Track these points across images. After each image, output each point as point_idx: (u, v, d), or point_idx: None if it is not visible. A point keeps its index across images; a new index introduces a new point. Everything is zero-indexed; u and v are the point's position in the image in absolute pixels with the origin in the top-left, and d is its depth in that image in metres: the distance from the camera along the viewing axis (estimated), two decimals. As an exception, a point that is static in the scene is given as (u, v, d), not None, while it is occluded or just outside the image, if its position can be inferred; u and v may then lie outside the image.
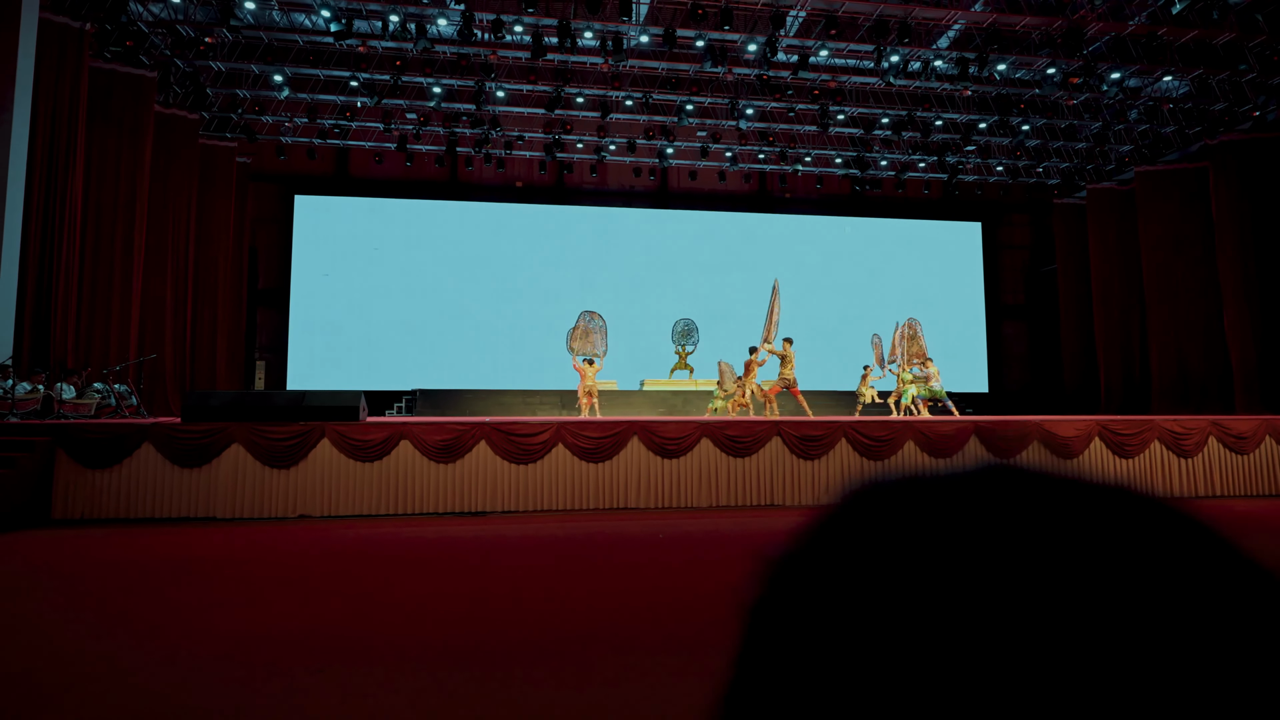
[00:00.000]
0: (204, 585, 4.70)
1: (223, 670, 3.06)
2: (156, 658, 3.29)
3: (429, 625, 3.79)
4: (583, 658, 3.22)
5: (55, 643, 3.51)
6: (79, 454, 6.98)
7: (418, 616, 3.95)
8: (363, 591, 4.51)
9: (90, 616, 4.02)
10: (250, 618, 3.91)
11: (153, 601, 4.27)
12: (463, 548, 6.16)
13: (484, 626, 3.77)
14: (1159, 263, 18.49)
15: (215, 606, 4.17)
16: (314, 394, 7.88)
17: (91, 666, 3.17)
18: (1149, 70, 15.48)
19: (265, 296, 20.79)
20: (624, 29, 14.19)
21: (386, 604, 4.21)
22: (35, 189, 12.03)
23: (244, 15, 13.52)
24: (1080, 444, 8.59)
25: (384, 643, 3.42)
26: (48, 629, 3.75)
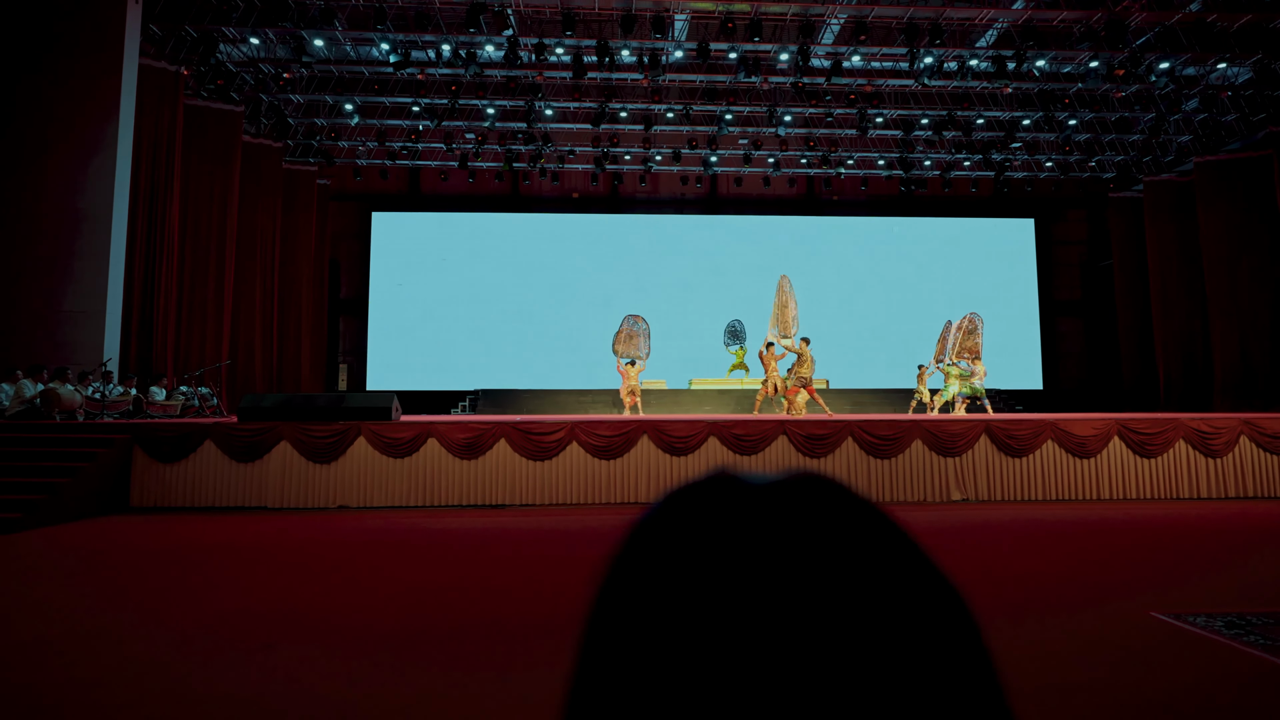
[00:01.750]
0: (226, 567, 5.10)
1: (198, 639, 3.37)
2: (150, 627, 3.63)
3: (394, 609, 4.01)
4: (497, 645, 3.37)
5: (70, 616, 3.91)
6: (152, 450, 7.62)
7: (386, 599, 4.18)
8: (354, 576, 4.81)
9: (99, 594, 4.44)
10: (247, 597, 4.24)
11: (172, 580, 4.67)
12: (470, 538, 6.42)
13: (443, 611, 3.97)
14: (1221, 255, 17.24)
15: (224, 586, 4.54)
16: (353, 395, 8.32)
17: (96, 637, 3.54)
18: (1202, 58, 14.47)
19: (347, 305, 21.85)
20: (660, 45, 14.26)
21: (367, 588, 4.47)
22: (139, 215, 13.05)
23: (315, 51, 14.26)
24: (1097, 444, 8.16)
25: (343, 624, 3.66)
26: (64, 606, 4.17)
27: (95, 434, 7.57)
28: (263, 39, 14.17)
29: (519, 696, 2.68)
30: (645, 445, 7.92)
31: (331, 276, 21.08)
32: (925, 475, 8.07)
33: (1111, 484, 8.18)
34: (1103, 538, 6.14)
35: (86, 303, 11.62)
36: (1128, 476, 8.18)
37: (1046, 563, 5.17)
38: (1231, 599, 4.02)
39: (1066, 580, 4.55)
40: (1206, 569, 4.93)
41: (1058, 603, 3.95)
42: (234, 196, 15.35)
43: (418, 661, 3.09)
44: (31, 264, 11.45)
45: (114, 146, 12.03)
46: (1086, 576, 4.67)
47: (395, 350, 21.64)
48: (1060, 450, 8.17)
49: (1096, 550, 5.64)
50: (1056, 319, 22.38)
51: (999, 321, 22.05)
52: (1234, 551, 5.59)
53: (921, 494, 8.06)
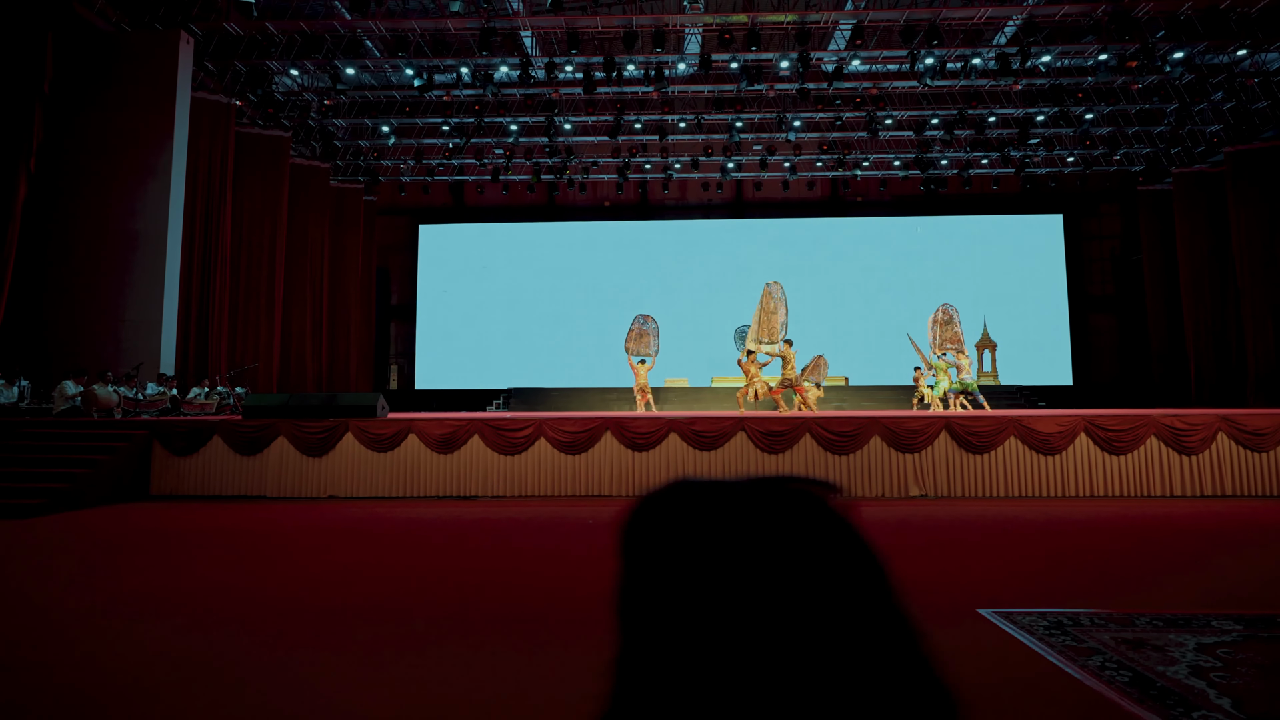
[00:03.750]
0: (209, 549, 5.45)
1: (154, 609, 3.66)
2: (126, 598, 3.95)
3: (327, 588, 4.22)
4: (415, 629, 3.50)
5: (38, 597, 4.25)
6: (168, 444, 8.14)
7: (323, 580, 4.39)
8: (299, 560, 5.05)
9: (88, 572, 4.80)
10: (211, 577, 4.54)
11: (158, 560, 5.03)
12: (446, 527, 6.60)
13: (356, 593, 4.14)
14: (1254, 247, 16.04)
15: (197, 565, 4.86)
16: (343, 395, 8.67)
17: (74, 617, 3.86)
18: (1222, 46, 13.49)
19: (397, 311, 22.64)
20: (665, 59, 14.24)
21: (312, 571, 4.70)
22: (195, 233, 13.87)
23: (349, 79, 14.85)
24: (1062, 441, 7.73)
25: (278, 600, 3.90)
26: (46, 587, 4.53)
27: (119, 430, 8.15)
28: (302, 69, 14.84)
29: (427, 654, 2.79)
30: (609, 441, 7.96)
31: (383, 285, 21.94)
32: (884, 472, 7.82)
33: (1078, 481, 7.73)
34: (1027, 534, 5.84)
35: (144, 313, 12.42)
36: (1095, 473, 7.72)
37: (935, 558, 4.97)
38: (1105, 596, 3.79)
39: (933, 575, 4.38)
40: (1109, 566, 4.64)
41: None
42: (283, 214, 16.13)
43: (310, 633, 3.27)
44: (95, 280, 12.31)
45: (168, 173, 12.82)
46: (958, 572, 4.47)
47: (441, 352, 22.31)
48: (1024, 447, 7.78)
49: (1005, 547, 5.37)
50: (1089, 315, 21.25)
51: (1028, 318, 21.15)
52: (1161, 550, 5.23)
53: (880, 490, 7.82)
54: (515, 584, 4.33)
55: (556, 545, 5.72)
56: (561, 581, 4.36)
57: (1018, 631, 3.12)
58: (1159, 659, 2.77)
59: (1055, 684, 2.58)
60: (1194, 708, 2.33)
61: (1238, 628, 3.15)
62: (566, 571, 4.66)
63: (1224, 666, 2.69)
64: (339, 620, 3.54)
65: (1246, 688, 2.49)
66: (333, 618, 3.58)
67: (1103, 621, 3.26)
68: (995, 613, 3.38)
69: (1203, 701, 2.37)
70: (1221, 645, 2.93)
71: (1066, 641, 2.98)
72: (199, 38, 13.39)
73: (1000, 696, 2.49)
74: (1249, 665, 2.70)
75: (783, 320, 12.88)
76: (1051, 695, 2.50)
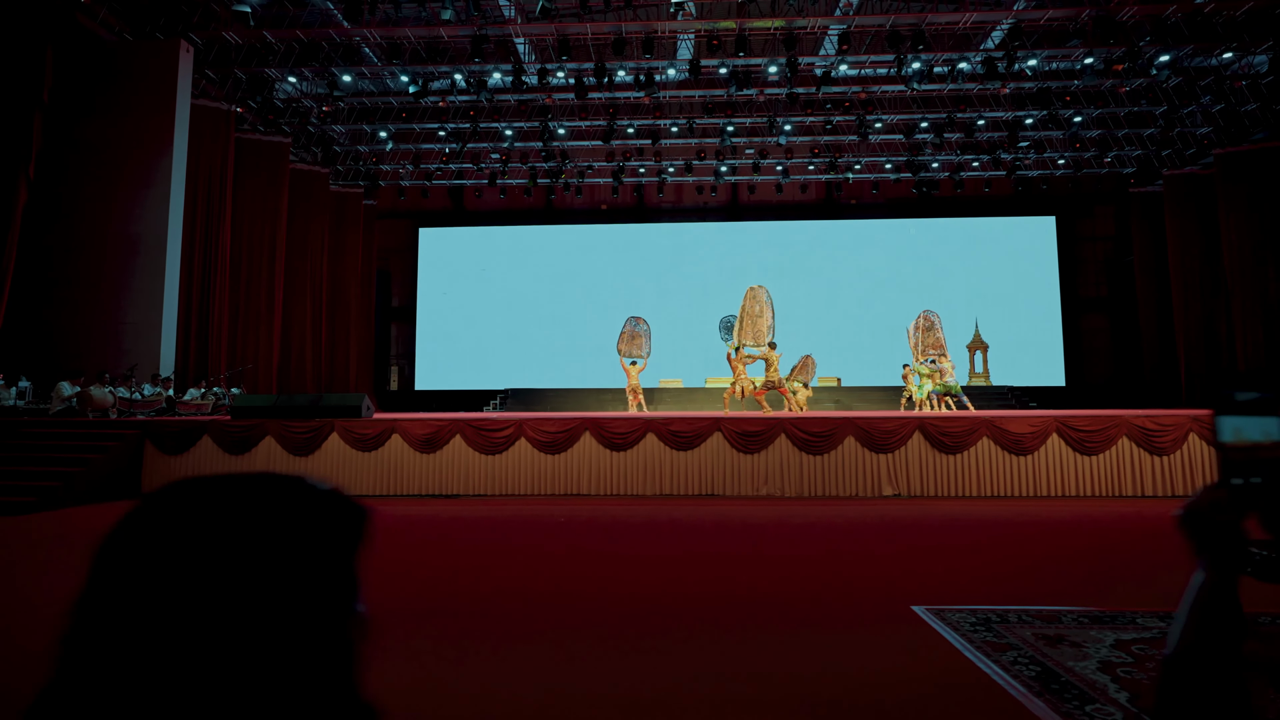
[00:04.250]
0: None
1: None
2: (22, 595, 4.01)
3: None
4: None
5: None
6: (159, 443, 8.25)
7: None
8: None
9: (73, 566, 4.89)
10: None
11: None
12: (408, 523, 6.67)
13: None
14: (1243, 249, 15.96)
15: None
16: (329, 396, 8.76)
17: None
18: (1208, 49, 13.45)
19: (398, 313, 22.77)
20: (656, 64, 14.29)
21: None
22: (196, 236, 14.01)
23: (345, 86, 14.97)
24: (1034, 441, 7.73)
25: None
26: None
27: (112, 430, 8.26)
28: (300, 77, 14.97)
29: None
30: (587, 441, 8.01)
31: (385, 287, 22.07)
32: (858, 472, 7.84)
33: (1050, 481, 7.73)
34: (987, 533, 5.86)
35: (144, 315, 12.56)
36: (1067, 474, 7.71)
37: (889, 556, 5.00)
38: (1047, 594, 3.81)
39: (883, 573, 4.41)
40: (1061, 565, 4.66)
41: (835, 593, 3.84)
42: (283, 218, 16.26)
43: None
44: (98, 283, 12.47)
45: (168, 178, 12.96)
46: (909, 571, 4.50)
47: (441, 353, 22.42)
48: (996, 448, 7.79)
49: (962, 546, 5.39)
50: (1082, 316, 21.18)
51: (1021, 320, 21.10)
52: (1116, 548, 5.24)
53: (854, 490, 7.84)
54: (469, 580, 4.39)
55: (526, 542, 5.79)
56: (512, 581, 4.41)
57: (943, 628, 3.15)
58: (1073, 655, 2.80)
59: (963, 678, 2.62)
60: (1090, 701, 2.36)
61: (1161, 624, 3.17)
62: (524, 569, 4.72)
63: (1134, 662, 2.72)
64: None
65: (1149, 683, 2.52)
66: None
67: (1030, 619, 3.29)
68: (928, 610, 3.41)
69: (1101, 695, 2.41)
70: (1139, 641, 2.96)
71: (987, 637, 3.01)
72: (199, 46, 13.53)
73: (901, 688, 2.52)
74: (1160, 661, 2.73)
75: (769, 324, 12.93)
76: (955, 688, 2.54)
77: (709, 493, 7.93)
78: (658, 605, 3.69)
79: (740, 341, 10.66)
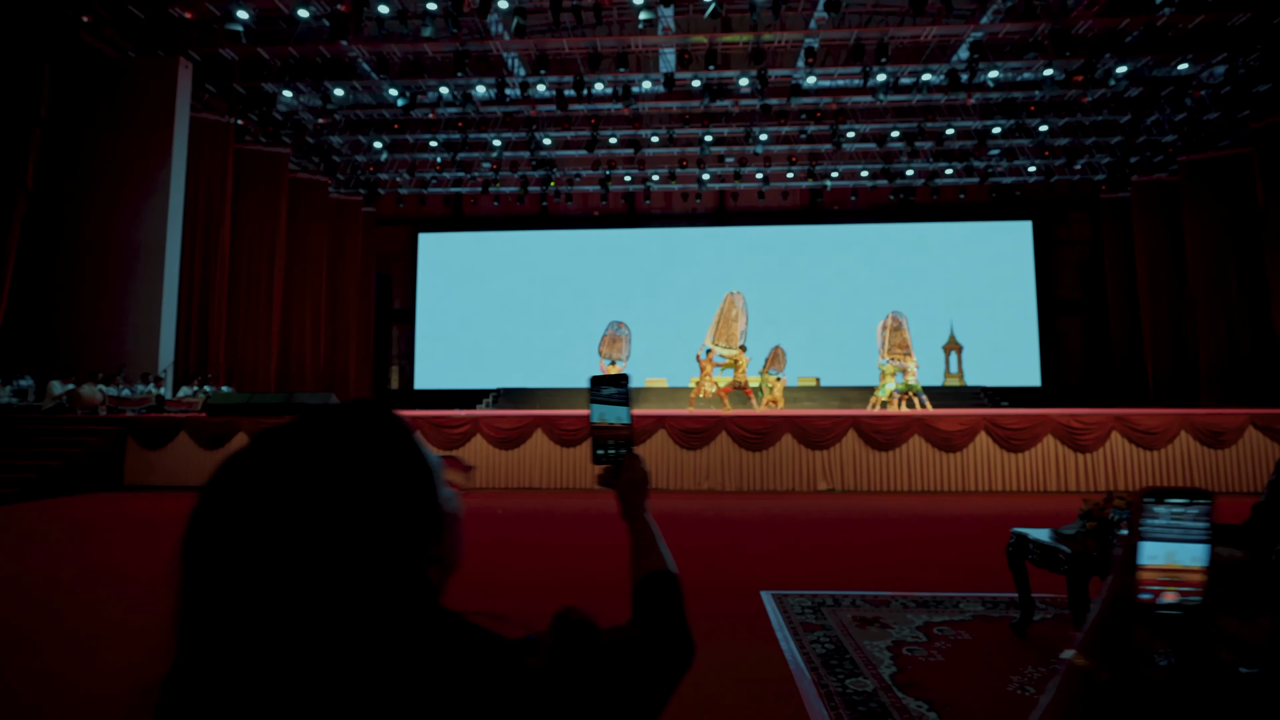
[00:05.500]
0: (152, 537, 5.78)
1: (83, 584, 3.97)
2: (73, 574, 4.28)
3: None
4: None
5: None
6: (139, 438, 8.53)
7: None
8: None
9: (49, 549, 5.15)
10: (135, 560, 4.87)
11: (104, 546, 5.37)
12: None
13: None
14: (1206, 253, 15.93)
15: (133, 549, 5.20)
16: (301, 395, 9.01)
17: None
18: (1165, 60, 13.44)
19: (399, 315, 23.08)
20: (632, 78, 14.45)
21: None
22: (196, 243, 14.34)
23: (338, 99, 15.25)
24: (963, 439, 7.84)
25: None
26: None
27: (95, 425, 8.56)
28: (295, 90, 15.26)
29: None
30: (539, 438, 8.21)
31: (386, 290, 22.41)
32: (795, 467, 7.98)
33: (978, 477, 7.84)
34: (879, 524, 5.99)
35: (145, 318, 12.89)
36: (994, 470, 7.82)
37: (775, 543, 5.15)
38: (907, 580, 3.95)
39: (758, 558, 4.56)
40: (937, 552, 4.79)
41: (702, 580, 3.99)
42: (282, 225, 16.58)
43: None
44: (101, 287, 12.81)
45: (167, 188, 13.29)
46: (779, 557, 4.65)
47: (439, 353, 22.71)
48: (927, 445, 7.90)
49: (849, 535, 5.53)
50: (1058, 318, 21.16)
51: (998, 321, 21.11)
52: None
53: (790, 484, 7.98)
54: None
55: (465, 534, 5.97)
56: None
57: (774, 611, 3.31)
58: (875, 634, 2.96)
59: (759, 652, 2.78)
60: (858, 675, 2.52)
61: (978, 608, 3.31)
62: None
63: (927, 641, 2.87)
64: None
65: (924, 660, 2.67)
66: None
67: (861, 603, 3.44)
68: (771, 594, 3.57)
69: (872, 670, 2.56)
70: (948, 623, 3.11)
71: (807, 619, 3.17)
72: (198, 63, 13.84)
73: (697, 661, 2.69)
74: (951, 640, 2.88)
75: (742, 329, 13.11)
76: (745, 664, 2.70)
77: (653, 486, 8.07)
78: (545, 590, 3.87)
79: (713, 344, 10.87)
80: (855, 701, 2.26)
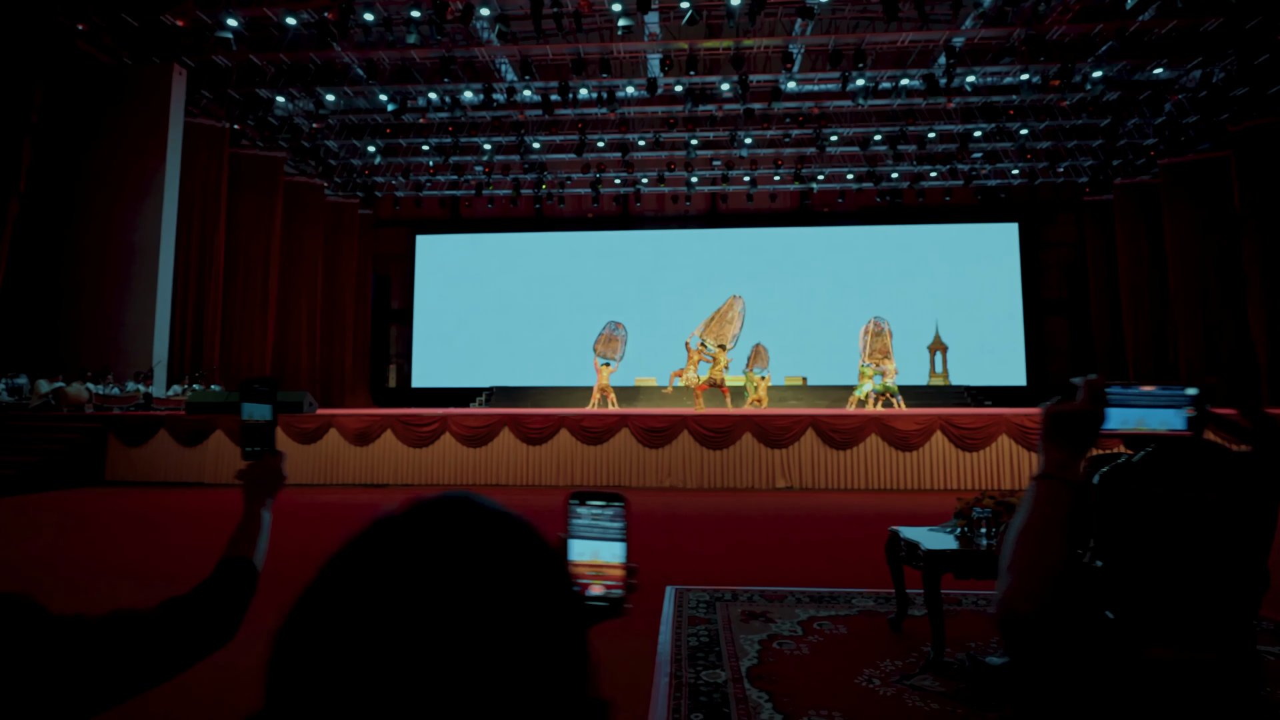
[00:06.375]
0: (129, 527, 5.91)
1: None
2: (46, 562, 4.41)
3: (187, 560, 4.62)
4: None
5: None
6: (121, 435, 8.67)
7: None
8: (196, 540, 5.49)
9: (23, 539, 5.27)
10: (109, 551, 4.98)
11: (79, 537, 5.51)
12: (324, 511, 6.99)
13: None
14: (1185, 256, 15.85)
15: (113, 538, 5.33)
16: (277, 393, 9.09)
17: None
18: (1141, 65, 13.38)
19: (396, 315, 23.23)
20: (616, 83, 14.50)
21: (202, 551, 5.12)
22: (192, 245, 14.51)
23: (330, 104, 15.38)
24: (919, 438, 7.87)
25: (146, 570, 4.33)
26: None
27: (77, 423, 8.71)
28: (288, 96, 15.40)
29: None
30: (506, 436, 8.29)
31: (385, 291, 22.59)
32: (754, 465, 8.03)
33: (934, 475, 7.86)
34: (817, 522, 6.03)
35: (140, 318, 13.06)
36: (950, 468, 7.84)
37: (708, 540, 5.20)
38: (827, 576, 3.99)
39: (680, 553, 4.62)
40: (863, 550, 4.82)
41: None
42: (277, 227, 16.73)
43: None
44: (99, 288, 13.00)
45: (162, 191, 13.46)
46: (703, 553, 4.70)
47: (436, 352, 22.84)
48: (884, 444, 7.93)
49: (784, 532, 5.58)
50: (1044, 318, 21.10)
51: (985, 322, 21.06)
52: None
53: (750, 482, 8.03)
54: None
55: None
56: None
57: (670, 605, 3.37)
58: (757, 628, 3.01)
59: (636, 647, 2.83)
60: (715, 667, 2.58)
61: (869, 603, 3.36)
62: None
63: (802, 635, 2.93)
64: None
65: (789, 653, 2.72)
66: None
67: (758, 598, 3.50)
68: (675, 588, 3.62)
69: (731, 664, 2.62)
70: (832, 618, 3.16)
71: (699, 614, 3.23)
72: (192, 69, 13.99)
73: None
74: (826, 634, 2.93)
75: (735, 333, 13.20)
76: (620, 660, 2.75)
77: (616, 484, 8.18)
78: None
79: (703, 337, 11.03)
80: (701, 691, 2.32)
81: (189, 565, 4.34)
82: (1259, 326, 13.90)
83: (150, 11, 12.62)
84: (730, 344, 13.34)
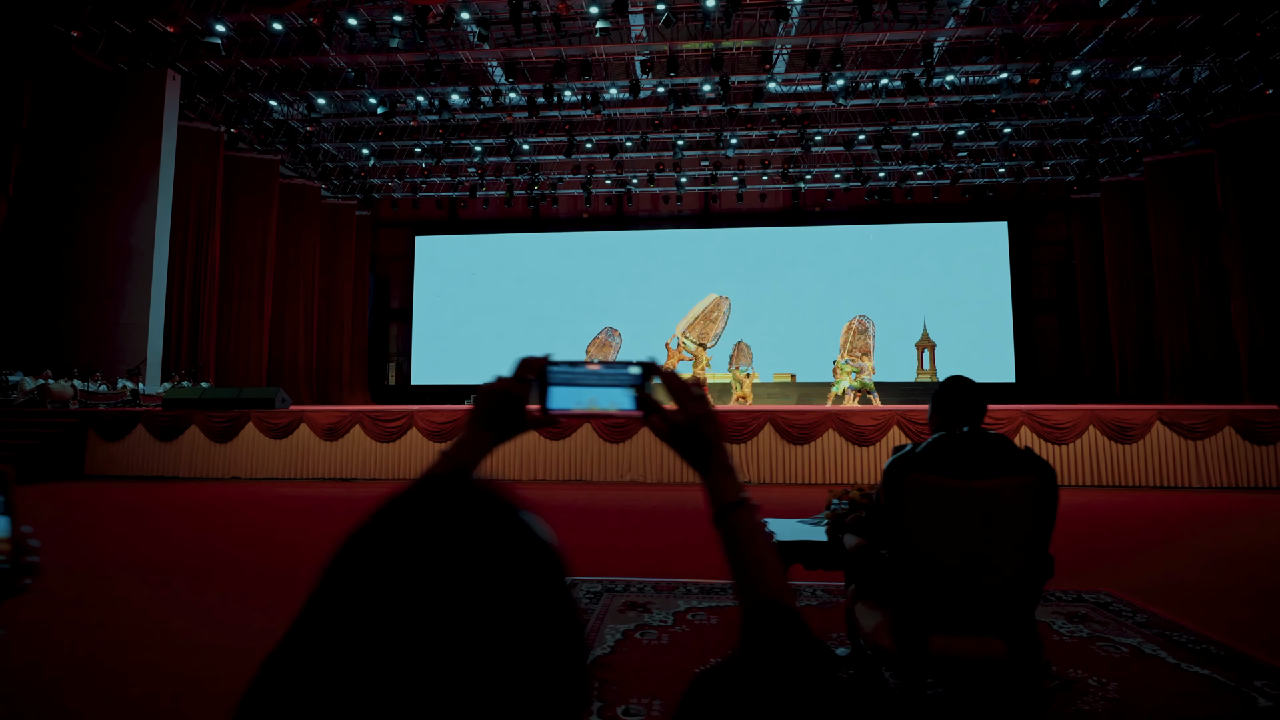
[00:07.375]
0: (106, 519, 5.99)
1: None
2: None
3: (183, 550, 4.67)
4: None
5: None
6: (100, 430, 8.77)
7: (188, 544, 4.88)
8: (161, 530, 5.56)
9: None
10: (93, 542, 5.05)
11: (60, 529, 5.60)
12: (294, 503, 7.05)
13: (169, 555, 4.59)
14: (1170, 253, 15.63)
15: (94, 530, 5.40)
16: (248, 390, 9.19)
17: None
18: (1121, 64, 13.19)
19: (396, 314, 23.37)
20: (600, 85, 14.49)
21: (172, 541, 5.21)
22: (188, 246, 14.67)
23: (322, 108, 15.48)
24: (876, 433, 7.79)
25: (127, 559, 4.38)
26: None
27: (59, 418, 8.82)
28: (281, 100, 15.51)
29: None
30: (470, 431, 8.30)
31: (385, 291, 22.75)
32: (713, 461, 7.97)
33: (891, 472, 7.78)
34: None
35: (135, 317, 13.23)
36: (906, 466, 7.75)
37: (637, 532, 5.18)
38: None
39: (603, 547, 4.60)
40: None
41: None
42: (272, 228, 16.88)
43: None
44: (96, 288, 13.18)
45: (156, 194, 13.61)
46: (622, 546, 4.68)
47: (435, 351, 22.97)
48: (842, 439, 7.86)
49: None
50: (1034, 316, 20.87)
51: (975, 319, 20.86)
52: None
53: (708, 477, 7.98)
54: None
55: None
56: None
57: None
58: (630, 619, 2.99)
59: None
60: (569, 655, 2.56)
61: (755, 596, 3.33)
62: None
63: (670, 625, 2.90)
64: (183, 575, 3.98)
65: (647, 643, 2.70)
66: (171, 572, 4.03)
67: (648, 589, 3.47)
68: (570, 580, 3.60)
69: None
70: (709, 609, 3.13)
71: (583, 603, 3.21)
72: (185, 74, 14.13)
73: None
74: (695, 625, 2.91)
75: (717, 333, 13.16)
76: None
77: (578, 478, 8.18)
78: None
79: (684, 336, 10.99)
80: (537, 680, 2.30)
81: (144, 553, 4.46)
82: (1240, 322, 13.67)
83: (139, 14, 12.74)
84: (711, 343, 13.31)
